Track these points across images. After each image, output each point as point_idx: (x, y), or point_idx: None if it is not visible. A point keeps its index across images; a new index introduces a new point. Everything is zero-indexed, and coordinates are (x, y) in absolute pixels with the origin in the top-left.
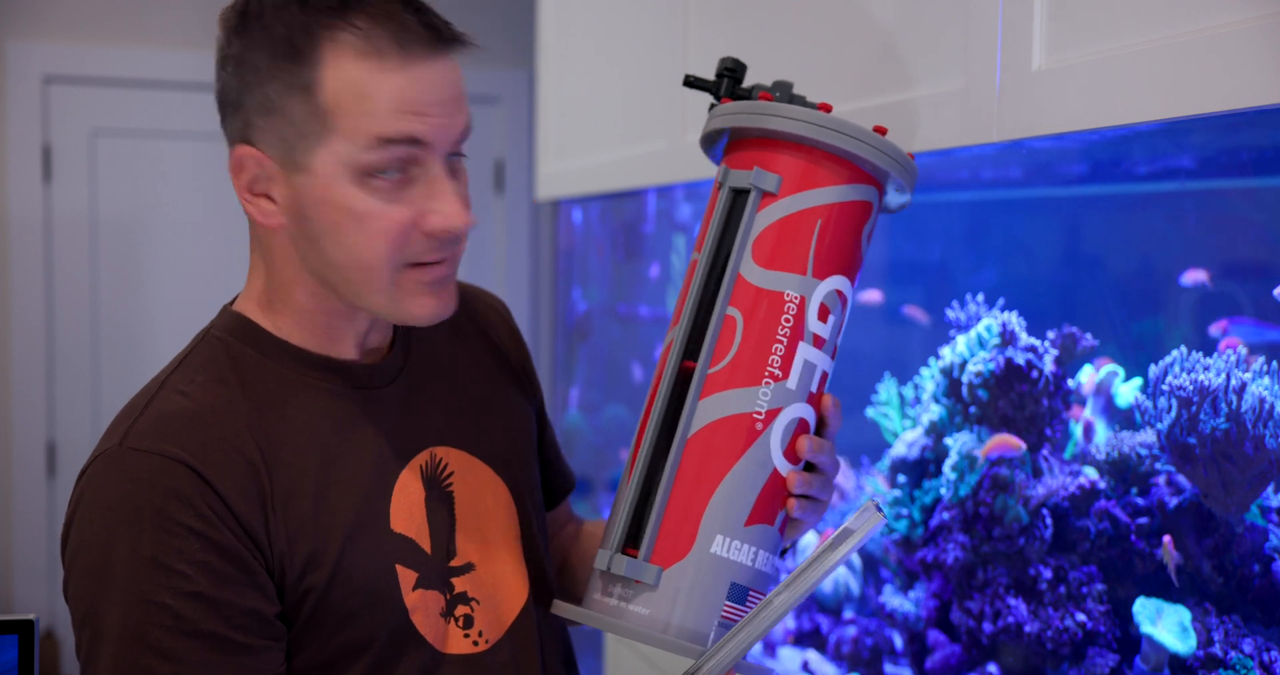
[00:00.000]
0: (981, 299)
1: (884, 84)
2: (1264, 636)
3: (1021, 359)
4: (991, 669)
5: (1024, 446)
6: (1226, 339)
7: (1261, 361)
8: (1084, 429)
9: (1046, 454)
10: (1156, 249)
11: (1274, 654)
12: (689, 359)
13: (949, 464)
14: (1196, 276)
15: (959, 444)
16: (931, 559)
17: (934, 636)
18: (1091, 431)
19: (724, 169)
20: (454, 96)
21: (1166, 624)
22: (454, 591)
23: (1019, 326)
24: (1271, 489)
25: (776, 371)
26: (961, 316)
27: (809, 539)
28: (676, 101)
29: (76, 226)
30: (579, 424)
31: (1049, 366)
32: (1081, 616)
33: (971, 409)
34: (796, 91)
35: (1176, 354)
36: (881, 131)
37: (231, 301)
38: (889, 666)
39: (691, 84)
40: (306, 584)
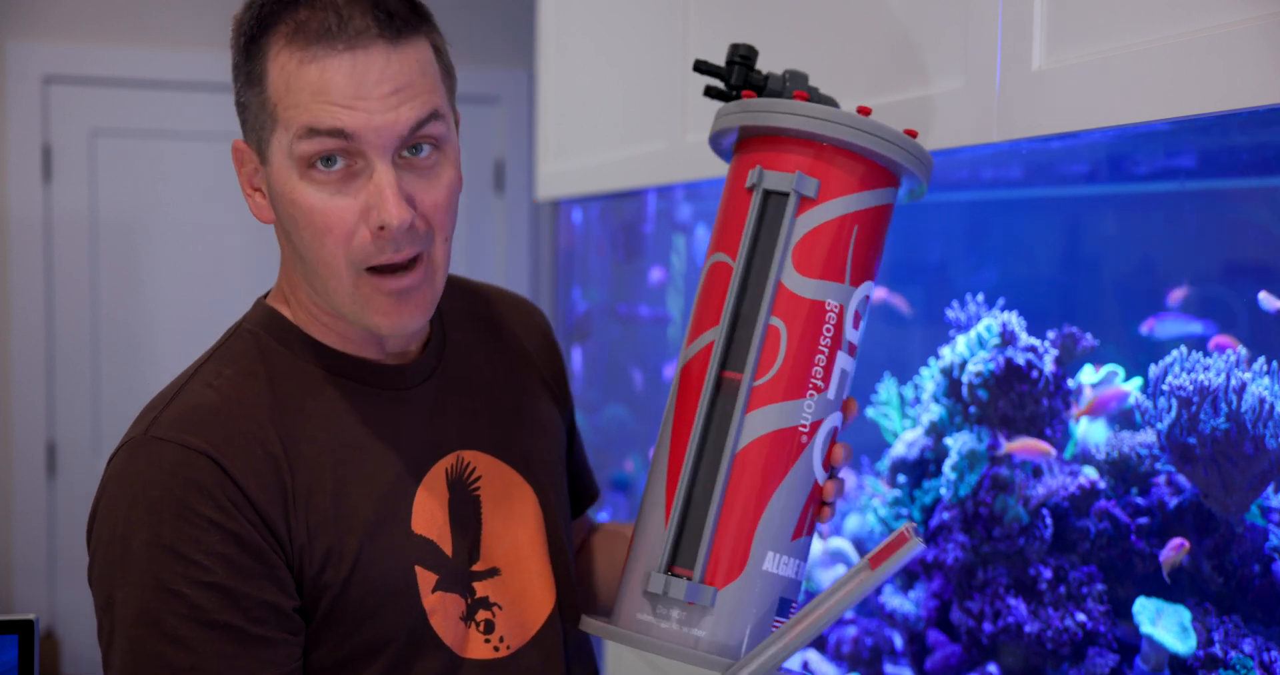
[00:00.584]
0: (981, 299)
1: (884, 84)
2: (1264, 636)
3: (1021, 359)
4: (991, 669)
5: (1054, 452)
6: (1217, 337)
7: (1262, 362)
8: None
9: None
10: (1157, 249)
11: (1274, 654)
12: (726, 369)
13: (949, 464)
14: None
15: (959, 444)
16: (931, 559)
17: (934, 636)
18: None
19: (759, 171)
20: (396, 88)
21: (1166, 624)
22: (475, 596)
23: (1019, 326)
24: (1271, 489)
25: (819, 383)
26: (961, 316)
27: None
28: (676, 101)
29: (76, 226)
30: (579, 424)
31: (1049, 366)
32: (1081, 616)
33: (971, 409)
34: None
35: (1176, 354)
36: (913, 135)
37: (265, 295)
38: (889, 666)
39: (702, 69)
40: (325, 580)
